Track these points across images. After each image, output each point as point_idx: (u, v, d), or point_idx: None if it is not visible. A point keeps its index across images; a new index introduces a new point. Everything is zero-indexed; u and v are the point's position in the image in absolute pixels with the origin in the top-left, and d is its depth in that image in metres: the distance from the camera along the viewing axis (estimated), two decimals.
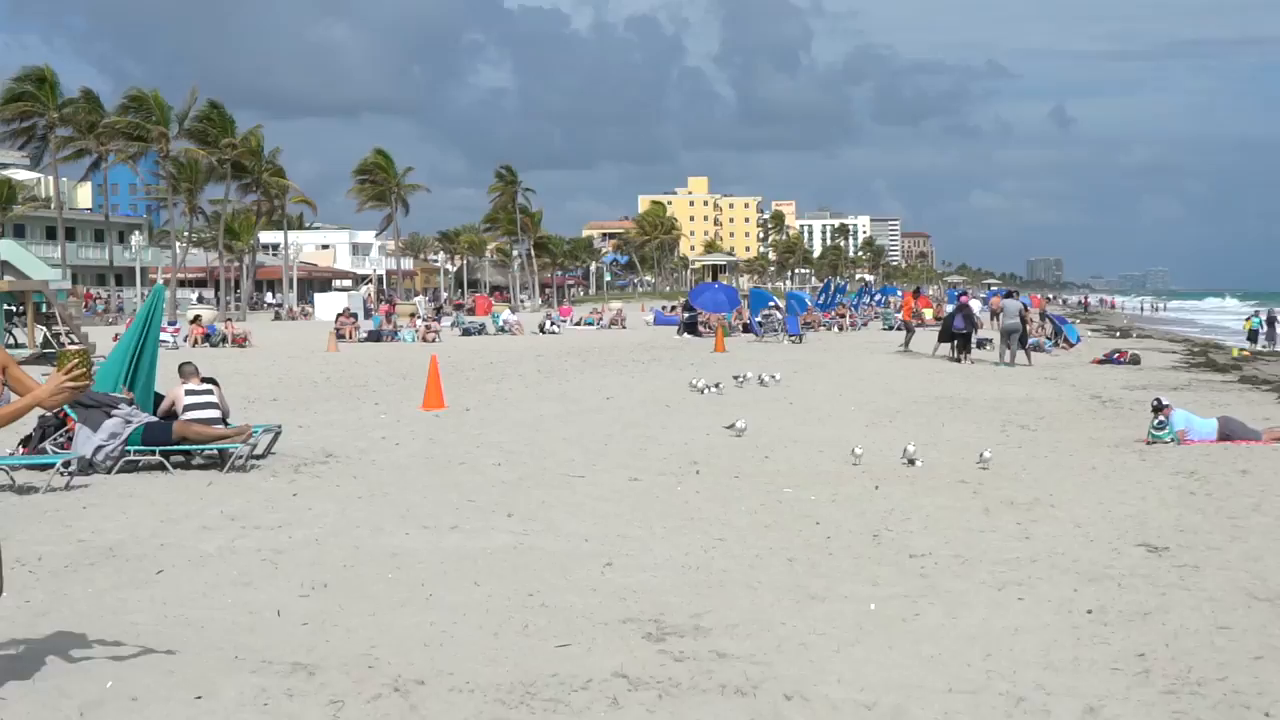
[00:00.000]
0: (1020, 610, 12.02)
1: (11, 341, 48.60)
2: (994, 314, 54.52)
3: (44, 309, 49.16)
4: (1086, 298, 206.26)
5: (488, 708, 9.05)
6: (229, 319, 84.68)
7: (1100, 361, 48.93)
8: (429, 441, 23.85)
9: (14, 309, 49.51)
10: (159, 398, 21.76)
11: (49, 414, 21.66)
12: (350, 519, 16.35)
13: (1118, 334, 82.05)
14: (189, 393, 21.34)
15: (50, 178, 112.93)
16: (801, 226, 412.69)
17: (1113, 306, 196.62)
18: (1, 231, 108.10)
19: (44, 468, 19.69)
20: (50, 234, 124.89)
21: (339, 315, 73.03)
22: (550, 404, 31.38)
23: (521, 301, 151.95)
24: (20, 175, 61.30)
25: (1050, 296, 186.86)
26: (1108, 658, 10.47)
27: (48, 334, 48.77)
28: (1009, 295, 51.70)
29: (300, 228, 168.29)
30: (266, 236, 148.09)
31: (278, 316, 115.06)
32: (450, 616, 11.62)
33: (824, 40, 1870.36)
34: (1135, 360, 48.80)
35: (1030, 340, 49.84)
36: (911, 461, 20.91)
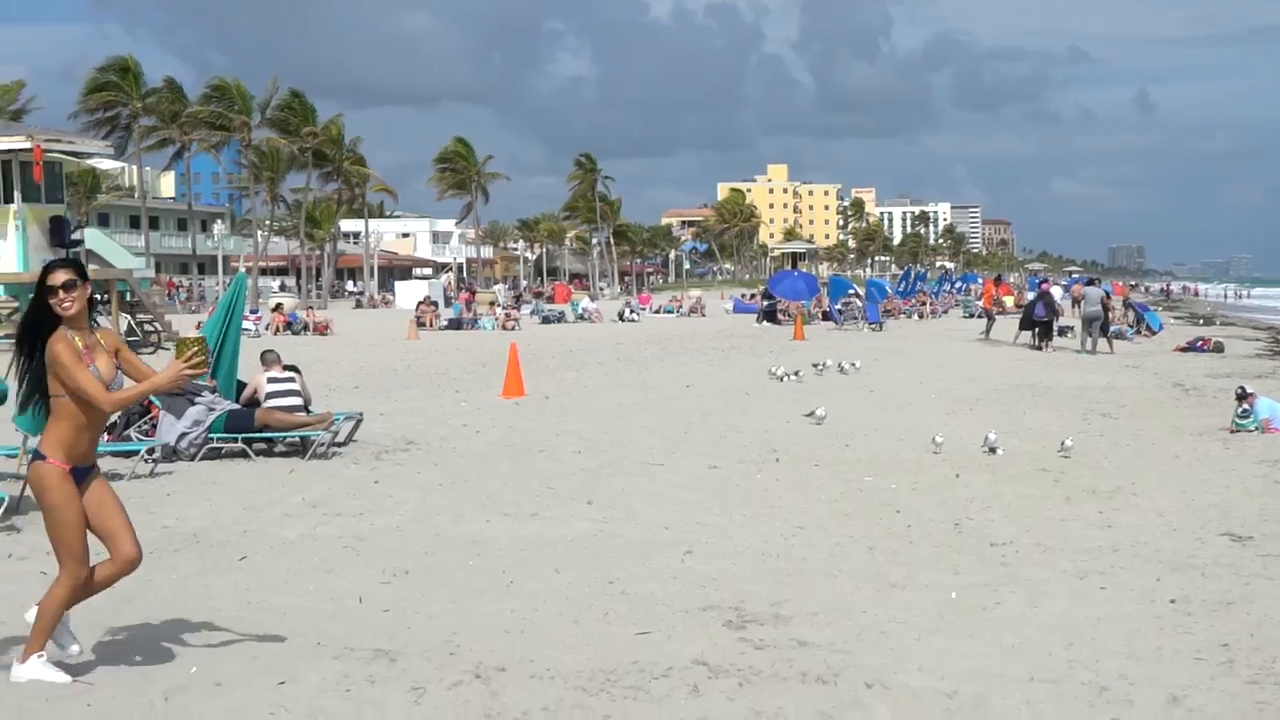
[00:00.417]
0: (1102, 599, 11.95)
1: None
2: (1075, 301, 54.22)
3: (128, 297, 49.56)
4: (1168, 285, 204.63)
5: (568, 694, 9.07)
6: (310, 307, 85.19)
7: (1183, 349, 48.56)
8: (509, 429, 23.92)
9: (99, 297, 49.89)
10: (241, 385, 21.89)
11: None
12: (431, 506, 16.42)
13: (1200, 321, 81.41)
14: (271, 380, 21.48)
15: (134, 167, 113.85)
16: (881, 214, 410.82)
17: (1196, 294, 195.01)
18: (86, 221, 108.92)
19: (129, 454, 19.86)
20: (134, 223, 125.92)
21: (420, 303, 73.27)
22: (630, 392, 31.40)
23: (601, 289, 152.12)
24: (105, 165, 61.88)
25: (1133, 284, 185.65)
26: (1191, 647, 10.40)
27: (132, 322, 49.18)
28: (1090, 283, 51.41)
29: (381, 216, 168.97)
30: (347, 225, 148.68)
31: (359, 304, 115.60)
32: (531, 604, 11.65)
33: (903, 26, 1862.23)
34: (1219, 348, 48.40)
35: (1112, 328, 49.51)
36: (993, 450, 20.82)
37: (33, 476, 9.05)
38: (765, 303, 74.33)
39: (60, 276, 8.97)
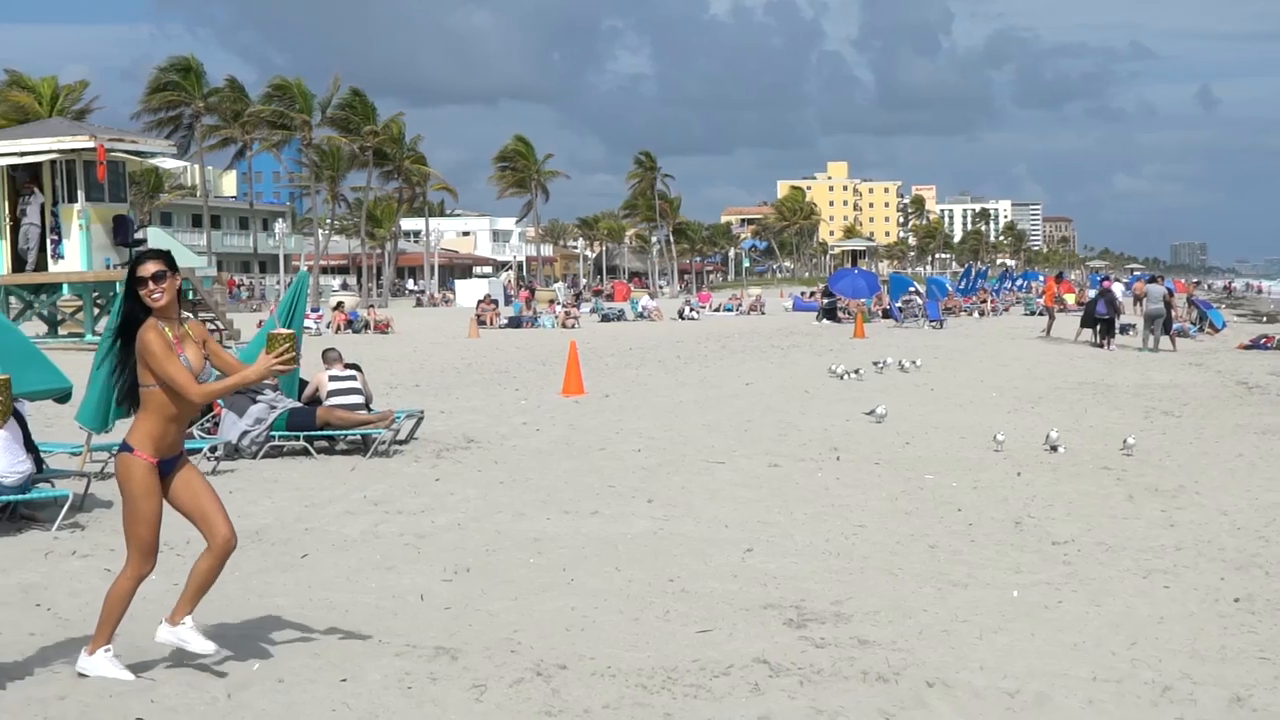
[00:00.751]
0: (1165, 598, 11.89)
1: None
2: (1137, 299, 53.93)
3: (191, 296, 49.80)
4: (1230, 282, 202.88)
5: (629, 692, 9.07)
6: (371, 305, 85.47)
7: (1247, 347, 48.23)
8: (569, 427, 23.95)
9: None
10: (303, 383, 21.98)
11: None
12: (492, 504, 16.46)
13: (1264, 319, 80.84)
14: (332, 379, 21.55)
15: (196, 166, 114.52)
16: (942, 211, 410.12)
17: (1260, 291, 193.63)
18: (149, 220, 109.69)
19: (191, 452, 19.97)
20: (196, 222, 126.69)
21: (480, 301, 73.47)
22: (689, 390, 31.40)
23: (660, 287, 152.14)
24: (167, 164, 62.24)
25: (1195, 281, 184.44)
26: (1255, 646, 10.34)
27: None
28: (1153, 280, 51.13)
29: (441, 214, 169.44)
30: (408, 223, 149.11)
31: (419, 303, 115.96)
32: (591, 601, 11.67)
33: (964, 23, 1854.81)
34: None
35: (1175, 325, 49.23)
36: (1054, 448, 20.74)
37: (118, 466, 9.08)
38: (825, 300, 74.20)
39: (150, 268, 9.00)
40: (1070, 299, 76.74)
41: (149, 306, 9.00)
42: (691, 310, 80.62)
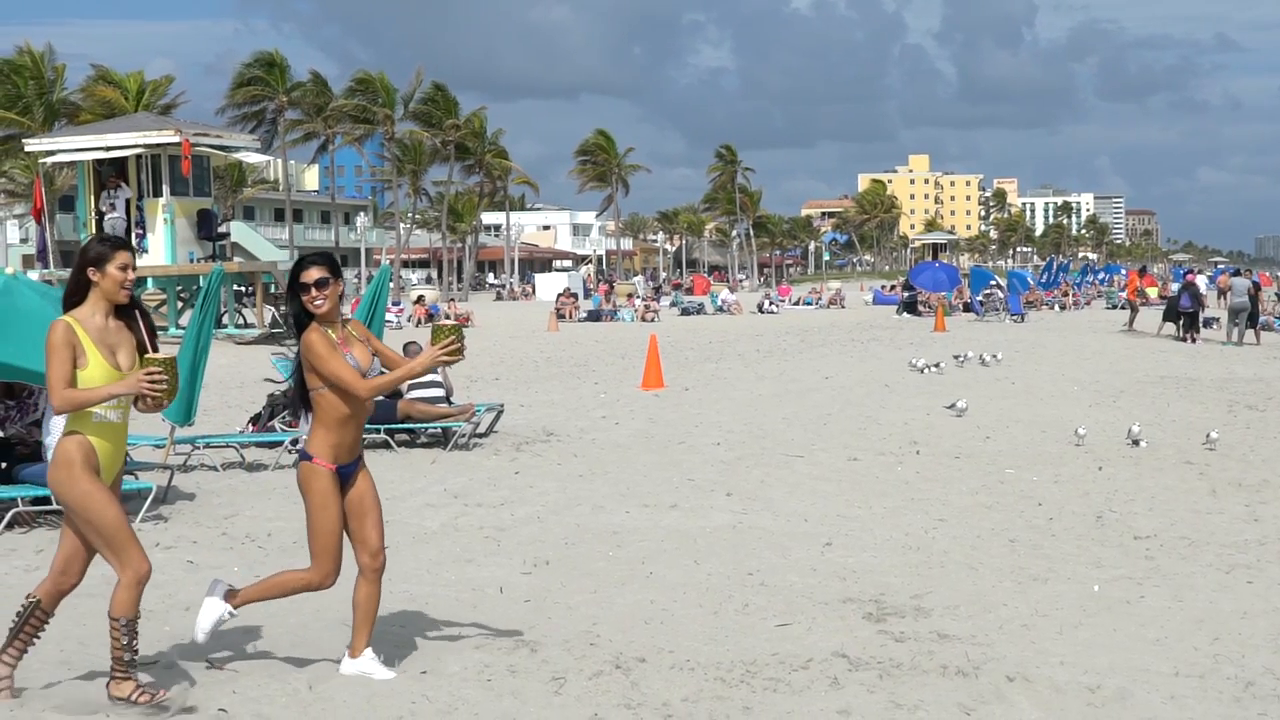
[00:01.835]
0: (1249, 593, 11.81)
1: (241, 321, 49.67)
2: (1221, 292, 53.50)
3: (273, 289, 50.15)
4: None
5: (708, 685, 9.08)
6: (452, 299, 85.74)
7: None
8: (648, 421, 23.97)
9: (244, 289, 50.55)
10: None
11: (279, 393, 22.13)
12: (571, 497, 16.50)
13: None
14: None
15: (279, 160, 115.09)
16: (1023, 204, 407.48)
17: None
18: (233, 214, 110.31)
19: (273, 445, 20.13)
20: (279, 216, 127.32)
21: (559, 295, 73.63)
22: (769, 383, 31.37)
23: (740, 281, 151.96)
24: (251, 158, 62.66)
25: (1278, 274, 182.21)
26: None
27: (276, 314, 49.78)
28: (1237, 273, 50.71)
29: (522, 209, 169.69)
30: (488, 217, 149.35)
31: (499, 297, 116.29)
32: (670, 595, 11.69)
33: (1047, 15, 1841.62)
34: None
35: (1260, 319, 48.81)
36: (1136, 442, 20.61)
37: (299, 475, 9.03)
38: (905, 294, 73.97)
39: (314, 274, 8.88)
40: (1153, 292, 76.20)
41: (311, 313, 8.93)
42: (771, 304, 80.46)
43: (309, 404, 9.00)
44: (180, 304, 46.90)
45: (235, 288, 49.29)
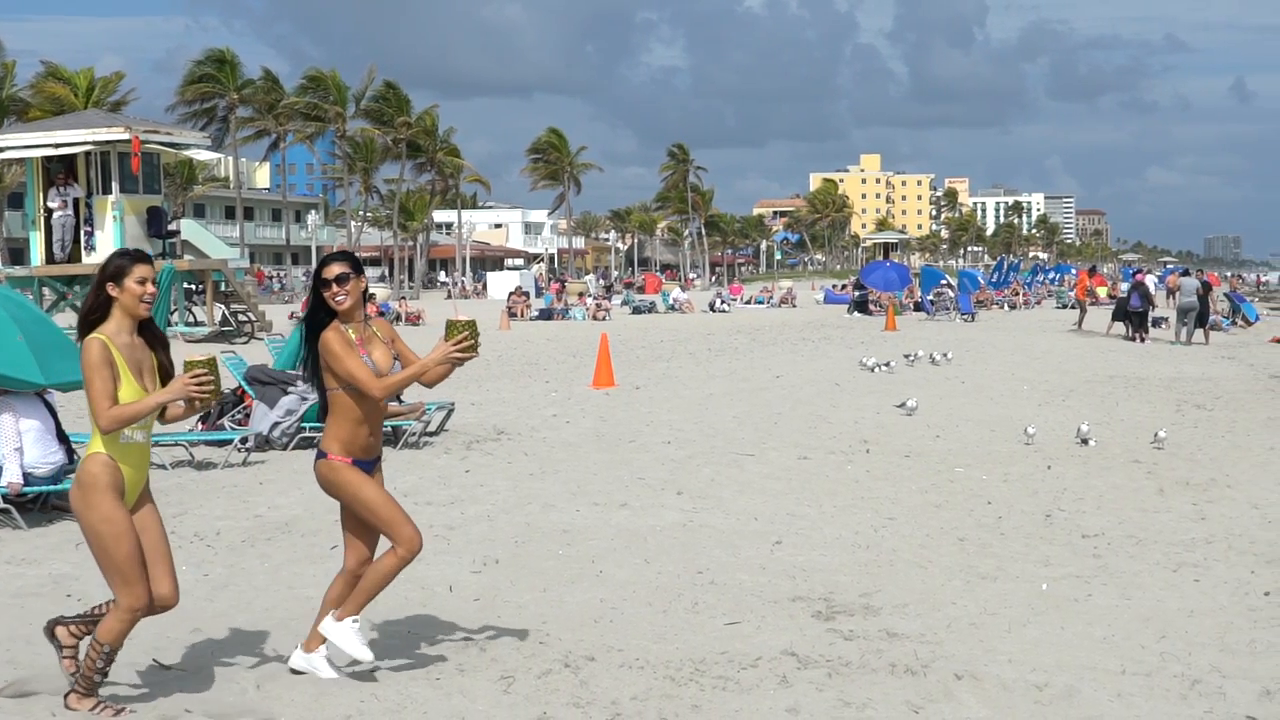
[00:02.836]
0: (1195, 592, 11.87)
1: (192, 319, 49.48)
2: (1170, 292, 53.78)
3: (223, 287, 49.99)
4: (1260, 277, 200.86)
5: (657, 684, 9.09)
6: (403, 297, 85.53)
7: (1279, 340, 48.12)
8: (599, 419, 23.97)
9: (194, 287, 50.35)
10: None
11: (228, 392, 22.04)
12: (521, 495, 16.49)
13: None
14: None
15: (230, 158, 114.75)
16: (975, 204, 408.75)
17: None
18: (183, 211, 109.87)
19: (222, 444, 20.07)
20: (229, 213, 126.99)
21: (511, 294, 73.52)
22: (720, 382, 31.39)
23: (691, 280, 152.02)
24: (201, 156, 62.48)
25: (1229, 275, 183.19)
26: None
27: (226, 312, 49.63)
28: (1186, 273, 51.00)
29: (473, 207, 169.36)
30: (440, 216, 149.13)
31: (450, 295, 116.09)
32: (620, 593, 11.69)
33: (998, 15, 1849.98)
34: None
35: (1208, 319, 49.07)
36: (1085, 441, 20.70)
37: (321, 475, 8.94)
38: (856, 293, 74.11)
39: (335, 269, 8.84)
40: (1102, 292, 76.56)
41: (332, 309, 8.87)
42: (722, 303, 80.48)
43: (326, 403, 8.94)
44: None
45: (185, 286, 49.08)
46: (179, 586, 8.45)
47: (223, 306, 50.04)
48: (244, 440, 19.79)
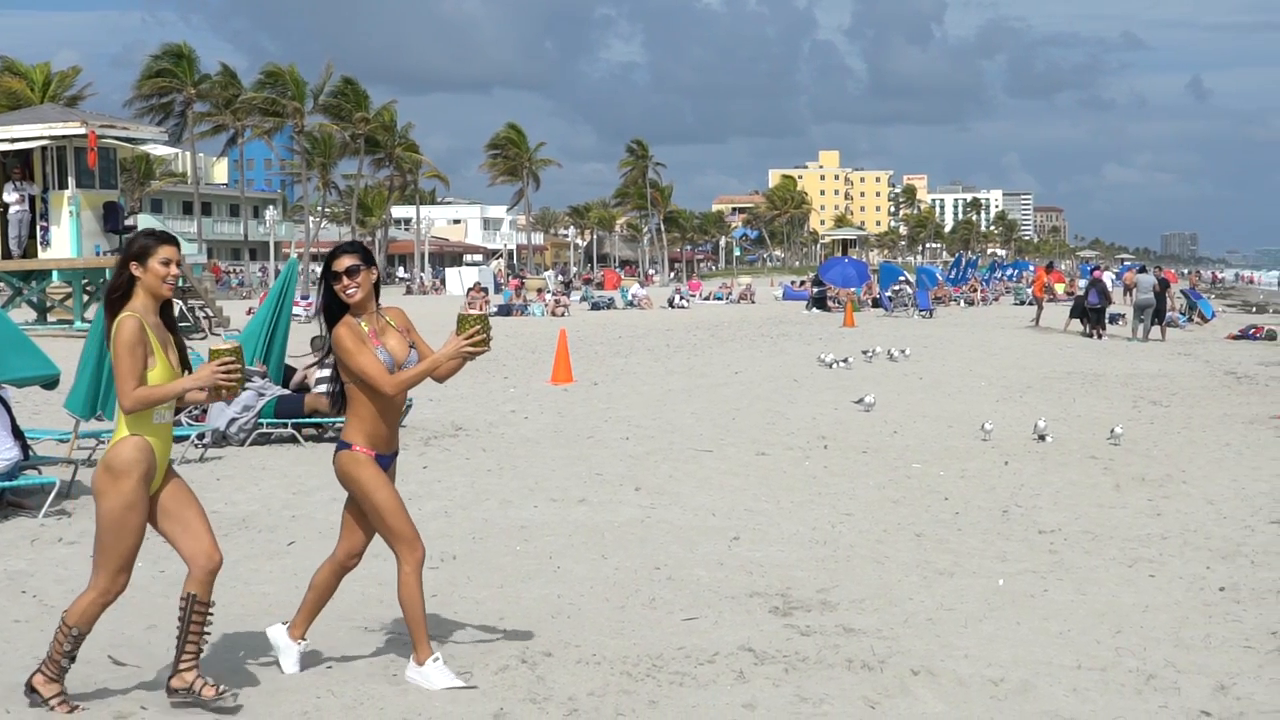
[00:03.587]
0: (1151, 587, 11.92)
1: None
2: (1127, 289, 53.99)
3: (181, 283, 49.78)
4: (1215, 274, 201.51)
5: (614, 680, 9.09)
6: None
7: (1236, 337, 48.37)
8: (557, 415, 23.95)
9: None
10: (290, 370, 21.96)
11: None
12: (479, 491, 16.47)
13: (1254, 309, 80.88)
14: (321, 366, 21.51)
15: (188, 153, 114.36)
16: (933, 200, 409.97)
17: (1251, 282, 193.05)
18: (140, 207, 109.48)
19: (179, 440, 19.96)
20: (187, 209, 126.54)
21: (470, 289, 73.41)
22: (678, 378, 31.40)
23: (651, 276, 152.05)
24: (158, 151, 62.38)
25: (1186, 272, 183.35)
26: (1240, 635, 10.37)
27: (184, 308, 49.43)
28: (1143, 270, 51.20)
29: (432, 203, 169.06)
30: (399, 211, 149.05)
31: (409, 291, 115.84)
32: (577, 589, 11.69)
33: (956, 12, 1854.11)
34: (1272, 336, 48.14)
35: (1165, 315, 49.27)
36: (1042, 437, 20.77)
37: (338, 467, 8.89)
38: (815, 289, 74.18)
39: (345, 261, 8.78)
40: (1060, 288, 76.78)
41: (344, 302, 8.80)
42: (682, 299, 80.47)
43: (344, 395, 8.90)
44: (86, 297, 46.42)
45: None
46: (127, 583, 8.38)
47: (180, 302, 49.84)
48: (201, 436, 19.72)
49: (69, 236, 45.16)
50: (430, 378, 8.87)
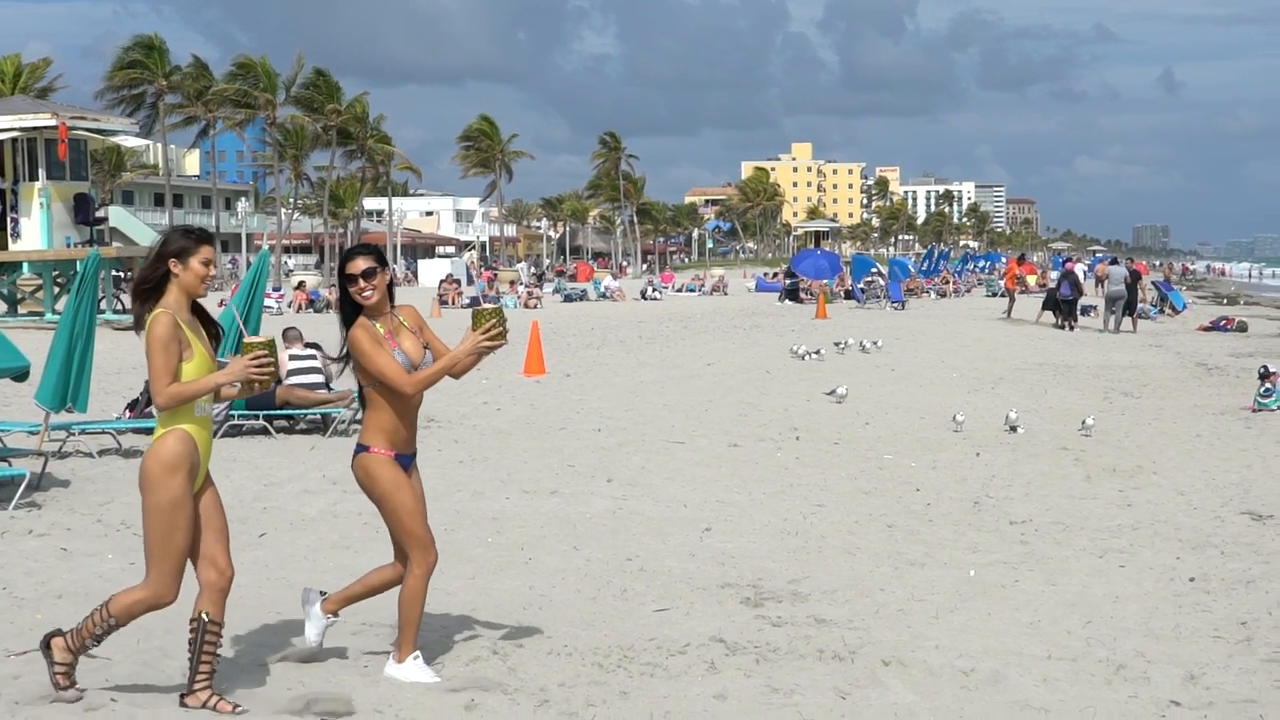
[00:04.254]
0: (1121, 578, 11.96)
1: (120, 307, 49.13)
2: (1099, 280, 54.11)
3: None
4: (1185, 265, 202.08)
5: (585, 671, 9.09)
6: (333, 285, 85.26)
7: (1206, 328, 48.48)
8: (530, 407, 23.94)
9: (123, 274, 50.01)
10: None
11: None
12: (451, 483, 16.45)
13: (1224, 301, 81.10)
14: (292, 358, 21.48)
15: (159, 145, 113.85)
16: (906, 193, 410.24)
17: (1222, 274, 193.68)
18: (111, 198, 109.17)
19: (149, 431, 19.88)
20: (158, 201, 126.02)
21: (442, 281, 73.38)
22: (651, 370, 31.41)
23: (624, 268, 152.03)
24: (129, 142, 62.14)
25: (1159, 263, 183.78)
26: (1209, 626, 10.41)
27: None
28: (1114, 262, 51.32)
29: (405, 194, 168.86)
30: (371, 203, 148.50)
31: None
32: (549, 580, 11.69)
33: (928, 5, 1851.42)
34: (1242, 327, 48.31)
35: (1136, 307, 49.38)
36: (1013, 428, 20.81)
37: (358, 469, 8.85)
38: (788, 281, 74.27)
39: (360, 264, 8.71)
40: (1032, 280, 77.00)
41: (359, 305, 8.75)
42: (654, 291, 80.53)
43: (364, 396, 8.88)
44: (57, 289, 46.30)
45: (114, 273, 48.70)
46: (178, 590, 8.31)
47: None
48: None
49: (39, 228, 45.06)
50: (448, 375, 8.84)
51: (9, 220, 45.28)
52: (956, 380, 29.03)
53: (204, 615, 8.23)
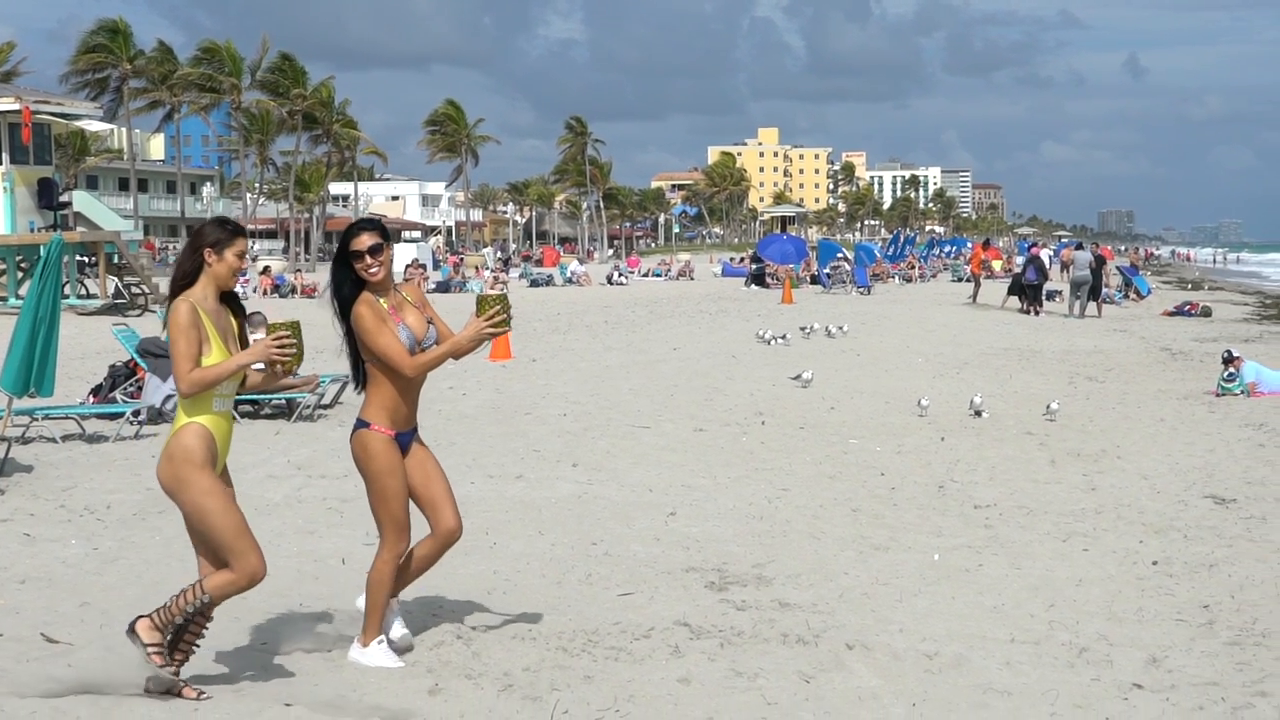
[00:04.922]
0: (1085, 561, 12.01)
1: (84, 292, 48.95)
2: (1064, 265, 54.27)
3: (116, 260, 49.44)
4: (1149, 251, 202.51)
5: (550, 655, 9.08)
6: (299, 270, 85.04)
7: (1171, 314, 48.67)
8: (495, 392, 23.91)
9: (87, 260, 49.78)
10: None
11: (119, 364, 21.85)
12: None
13: (1189, 286, 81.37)
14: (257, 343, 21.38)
15: (123, 129, 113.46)
16: (872, 178, 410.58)
17: (1188, 259, 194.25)
18: (75, 183, 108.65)
19: (114, 417, 19.86)
20: (123, 185, 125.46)
21: (408, 266, 73.26)
22: (616, 355, 31.40)
23: (590, 253, 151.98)
24: (94, 127, 61.78)
25: (1124, 249, 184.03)
26: (1172, 609, 10.46)
27: (120, 285, 49.09)
28: (1080, 247, 51.46)
29: (370, 179, 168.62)
30: (337, 188, 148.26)
31: None
32: (514, 565, 11.69)
33: None
34: (1206, 312, 48.50)
35: (1101, 292, 49.54)
36: (978, 413, 20.86)
37: (356, 445, 8.83)
38: (754, 266, 74.31)
39: (366, 240, 8.65)
40: (997, 265, 77.10)
41: (361, 280, 8.70)
42: (620, 275, 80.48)
43: (364, 373, 8.87)
44: (20, 274, 46.08)
45: (79, 258, 48.50)
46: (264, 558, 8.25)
47: (115, 279, 49.49)
48: (136, 413, 19.62)
49: (3, 212, 44.87)
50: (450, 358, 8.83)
51: None
52: (922, 365, 29.08)
53: (207, 598, 8.16)
